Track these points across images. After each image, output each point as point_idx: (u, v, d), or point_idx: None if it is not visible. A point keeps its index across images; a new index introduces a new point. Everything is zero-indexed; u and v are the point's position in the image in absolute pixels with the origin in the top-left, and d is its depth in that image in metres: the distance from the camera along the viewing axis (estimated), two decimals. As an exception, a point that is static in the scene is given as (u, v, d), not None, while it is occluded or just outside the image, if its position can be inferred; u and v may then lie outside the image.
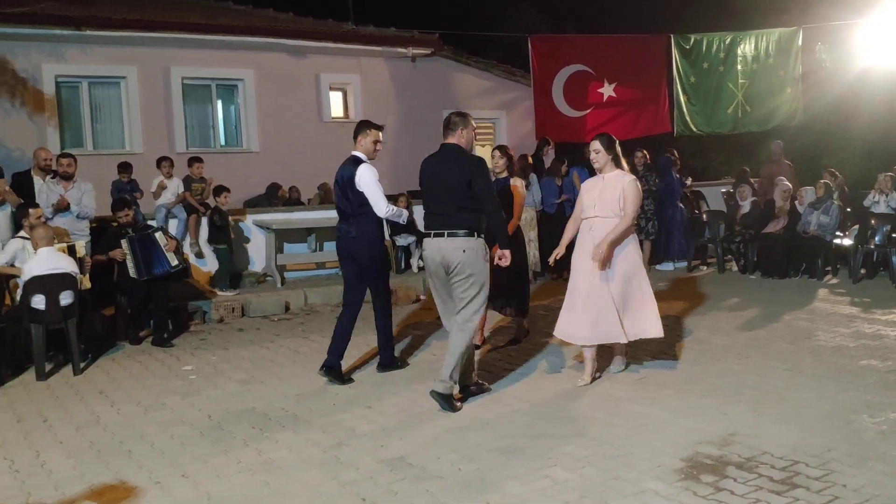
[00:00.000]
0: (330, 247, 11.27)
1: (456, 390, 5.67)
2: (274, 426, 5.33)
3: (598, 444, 4.75)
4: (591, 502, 3.94)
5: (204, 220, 10.20)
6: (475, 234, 5.51)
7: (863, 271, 10.41)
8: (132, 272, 8.00)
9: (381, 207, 6.22)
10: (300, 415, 5.54)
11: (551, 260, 6.20)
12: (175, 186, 10.01)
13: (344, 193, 6.33)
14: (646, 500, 3.94)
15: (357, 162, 6.33)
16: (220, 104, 14.21)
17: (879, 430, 4.76)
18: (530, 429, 5.07)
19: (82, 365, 7.09)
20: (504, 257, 5.60)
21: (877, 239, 10.33)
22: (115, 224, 8.51)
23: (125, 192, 9.57)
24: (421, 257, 7.09)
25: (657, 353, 6.83)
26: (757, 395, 5.57)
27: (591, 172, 6.75)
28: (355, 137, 6.45)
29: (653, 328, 6.07)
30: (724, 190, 13.50)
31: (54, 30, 12.16)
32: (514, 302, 7.24)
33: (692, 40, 15.40)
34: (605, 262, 5.86)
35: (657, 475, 4.23)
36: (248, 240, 10.94)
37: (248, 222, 10.92)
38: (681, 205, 11.98)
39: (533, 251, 11.33)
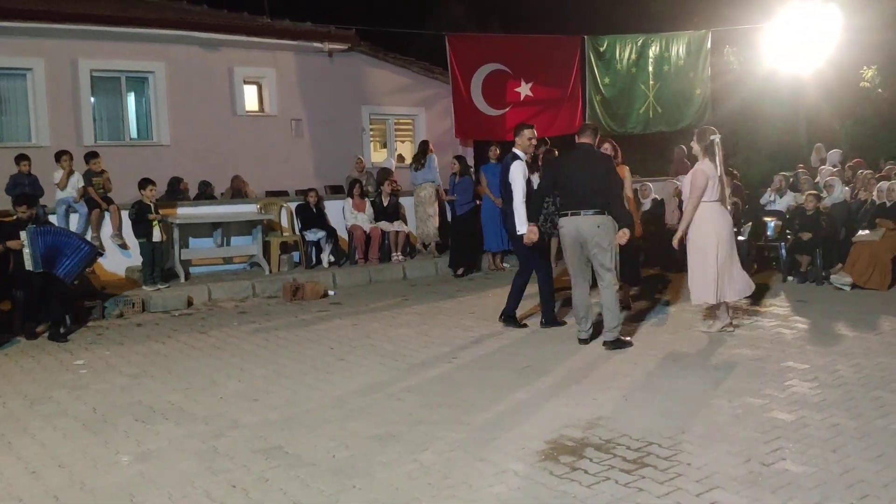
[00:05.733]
0: (238, 241, 11.28)
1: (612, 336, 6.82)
2: (157, 418, 5.38)
3: (472, 429, 4.95)
4: (452, 483, 4.13)
5: (124, 214, 10.10)
6: (605, 212, 6.70)
7: (755, 266, 10.90)
8: (29, 264, 7.89)
9: (518, 200, 7.38)
10: (186, 408, 5.60)
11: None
12: (75, 181, 9.88)
13: (504, 183, 7.57)
14: (504, 480, 4.14)
15: (514, 158, 7.53)
16: (131, 97, 14.00)
17: (734, 414, 5.07)
18: (410, 416, 5.24)
19: (-27, 360, 7.00)
20: (624, 234, 6.69)
21: (768, 234, 10.84)
22: (12, 218, 8.38)
23: (24, 185, 9.42)
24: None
25: (542, 343, 7.14)
26: (629, 381, 5.86)
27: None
28: (514, 138, 7.71)
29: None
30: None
31: (-44, 20, 11.82)
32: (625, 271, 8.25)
33: (606, 42, 15.83)
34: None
35: (520, 457, 4.44)
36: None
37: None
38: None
39: (432, 226, 12.18)
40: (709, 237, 7.16)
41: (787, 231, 10.58)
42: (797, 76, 16.46)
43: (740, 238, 11.28)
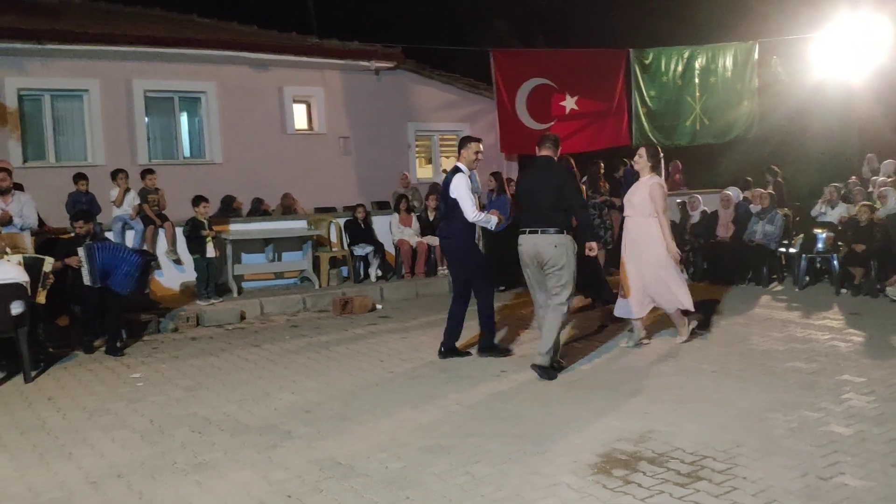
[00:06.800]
0: (288, 257, 11.46)
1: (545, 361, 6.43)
2: (213, 430, 5.48)
3: (523, 441, 4.95)
4: (505, 495, 4.14)
5: (178, 231, 10.35)
6: (564, 231, 6.43)
7: (807, 279, 10.72)
8: (86, 279, 8.09)
9: (469, 213, 6.93)
10: (240, 419, 5.70)
11: None
12: (131, 198, 10.14)
13: (444, 198, 7.19)
14: (557, 493, 4.14)
15: (455, 171, 7.09)
16: (184, 116, 14.33)
17: (789, 427, 5.00)
18: (460, 429, 5.26)
19: (34, 373, 7.18)
20: (591, 248, 6.64)
21: (818, 246, 10.65)
22: (69, 235, 8.62)
23: (82, 203, 9.69)
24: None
25: (590, 355, 7.12)
26: (681, 394, 5.81)
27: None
28: (459, 151, 7.25)
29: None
30: (679, 200, 13.81)
31: (16, 44, 12.21)
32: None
33: (651, 55, 15.74)
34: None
35: (572, 470, 4.44)
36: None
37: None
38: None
39: None
40: (639, 253, 7.25)
41: (840, 243, 10.39)
42: (847, 85, 16.17)
43: (791, 251, 11.17)
